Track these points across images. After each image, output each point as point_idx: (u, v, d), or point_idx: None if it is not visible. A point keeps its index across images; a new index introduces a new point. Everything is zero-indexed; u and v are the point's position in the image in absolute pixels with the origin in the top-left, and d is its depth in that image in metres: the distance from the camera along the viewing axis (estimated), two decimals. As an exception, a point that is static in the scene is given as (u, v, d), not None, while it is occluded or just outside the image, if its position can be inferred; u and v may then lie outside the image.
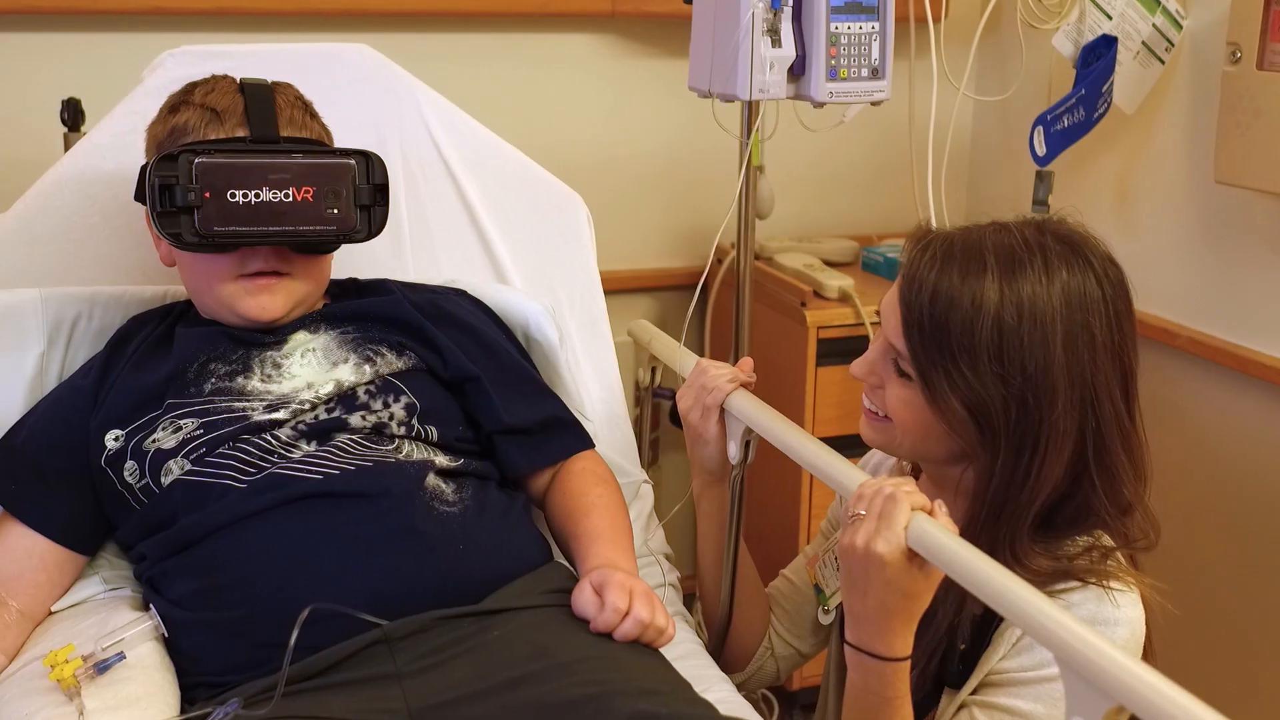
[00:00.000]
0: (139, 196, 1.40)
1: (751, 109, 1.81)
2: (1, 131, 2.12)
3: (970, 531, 1.26)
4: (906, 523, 1.16)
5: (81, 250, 1.59)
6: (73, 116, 1.98)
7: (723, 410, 1.50)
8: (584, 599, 1.25)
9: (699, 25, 1.78)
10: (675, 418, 2.32)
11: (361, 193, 1.40)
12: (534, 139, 1.99)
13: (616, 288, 1.86)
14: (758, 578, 1.63)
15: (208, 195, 1.33)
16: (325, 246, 1.43)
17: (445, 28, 2.29)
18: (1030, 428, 1.25)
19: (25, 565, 1.35)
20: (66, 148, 1.97)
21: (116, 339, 1.46)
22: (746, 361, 1.54)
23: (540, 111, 2.37)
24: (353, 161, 1.40)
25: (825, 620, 1.54)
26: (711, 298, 2.41)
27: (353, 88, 1.71)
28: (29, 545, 1.36)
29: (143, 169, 1.38)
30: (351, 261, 1.61)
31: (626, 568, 1.32)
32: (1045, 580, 1.25)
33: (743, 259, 1.89)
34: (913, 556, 1.16)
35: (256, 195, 1.35)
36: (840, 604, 1.51)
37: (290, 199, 1.36)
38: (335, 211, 1.38)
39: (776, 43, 1.70)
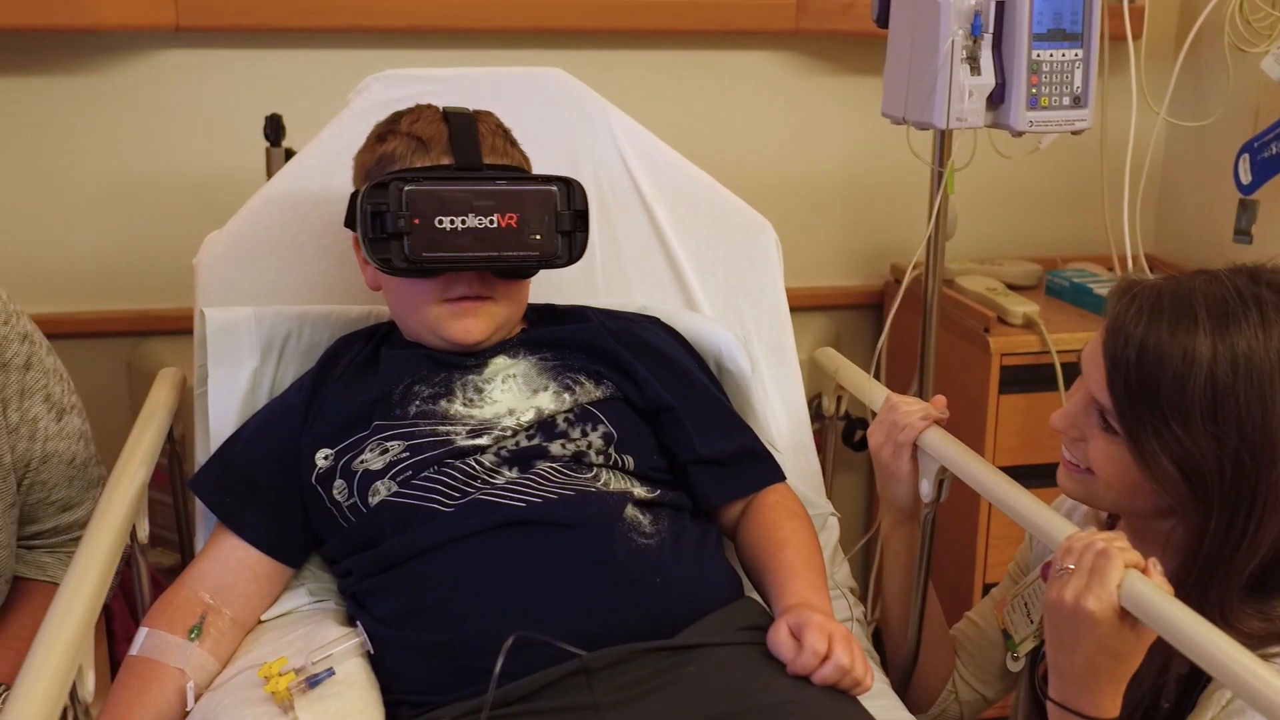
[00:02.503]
0: (349, 222, 1.44)
1: (946, 137, 1.78)
2: (208, 144, 2.21)
3: (1179, 590, 1.22)
4: (1120, 580, 1.13)
5: (289, 268, 1.64)
6: (274, 132, 2.06)
7: (915, 447, 1.48)
8: (780, 640, 1.25)
9: (894, 51, 1.76)
10: (849, 440, 2.31)
11: (563, 219, 1.43)
12: (715, 155, 2.00)
13: (791, 305, 1.86)
14: (943, 619, 1.61)
15: (416, 222, 1.37)
16: (526, 272, 1.46)
17: (630, 45, 2.31)
18: (1246, 487, 1.20)
19: (238, 575, 1.41)
20: (268, 161, 2.05)
21: (325, 358, 1.51)
22: (939, 399, 1.52)
23: (721, 128, 2.37)
24: (554, 188, 1.43)
25: (1014, 667, 1.51)
26: (888, 319, 2.38)
27: (547, 112, 1.74)
28: (241, 556, 1.41)
29: (353, 195, 1.43)
30: (544, 286, 1.63)
31: (822, 608, 1.31)
32: (1257, 643, 1.21)
33: (931, 286, 1.87)
34: (1125, 615, 1.13)
35: (463, 222, 1.38)
36: (1029, 651, 1.48)
37: (495, 225, 1.39)
38: (538, 238, 1.41)
39: (975, 70, 1.67)
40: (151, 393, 1.59)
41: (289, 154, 2.03)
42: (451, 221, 1.38)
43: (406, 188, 1.38)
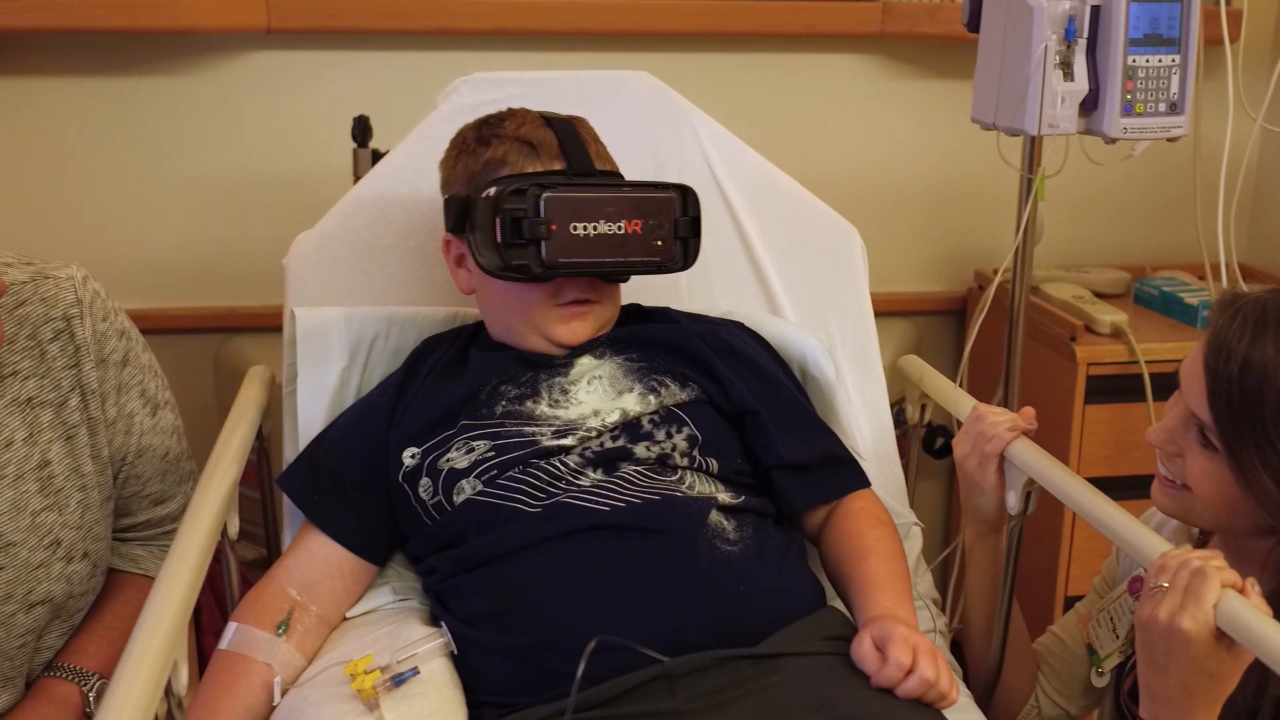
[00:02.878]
0: (458, 227, 1.45)
1: (1037, 143, 1.76)
2: (295, 144, 2.24)
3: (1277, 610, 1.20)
4: (1216, 600, 1.10)
5: (377, 269, 1.66)
6: (361, 133, 2.08)
7: (1002, 458, 1.46)
8: (864, 651, 1.24)
9: (985, 56, 1.74)
10: (930, 447, 2.29)
11: (680, 225, 1.45)
12: (799, 159, 1.99)
13: (873, 310, 1.86)
14: (1026, 632, 1.59)
15: (554, 228, 1.38)
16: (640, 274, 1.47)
17: (714, 48, 2.30)
18: (1350, 508, 1.17)
19: (325, 572, 1.43)
20: (355, 162, 2.08)
21: (412, 358, 1.53)
22: (1028, 410, 1.49)
23: (806, 132, 2.36)
24: (674, 195, 1.45)
25: (1099, 683, 1.49)
26: (972, 326, 2.35)
27: (633, 115, 1.74)
28: (328, 553, 1.43)
29: (464, 200, 1.43)
30: (627, 289, 1.63)
31: (907, 619, 1.30)
32: (1359, 667, 1.18)
33: (1018, 295, 1.84)
34: (1221, 636, 1.10)
35: (595, 228, 1.40)
36: (1114, 667, 1.46)
37: (623, 231, 1.42)
38: (660, 244, 1.44)
39: (1069, 76, 1.65)
40: (242, 390, 1.62)
41: (375, 155, 2.05)
42: (585, 227, 1.40)
43: (545, 194, 1.39)
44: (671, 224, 1.44)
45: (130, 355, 1.48)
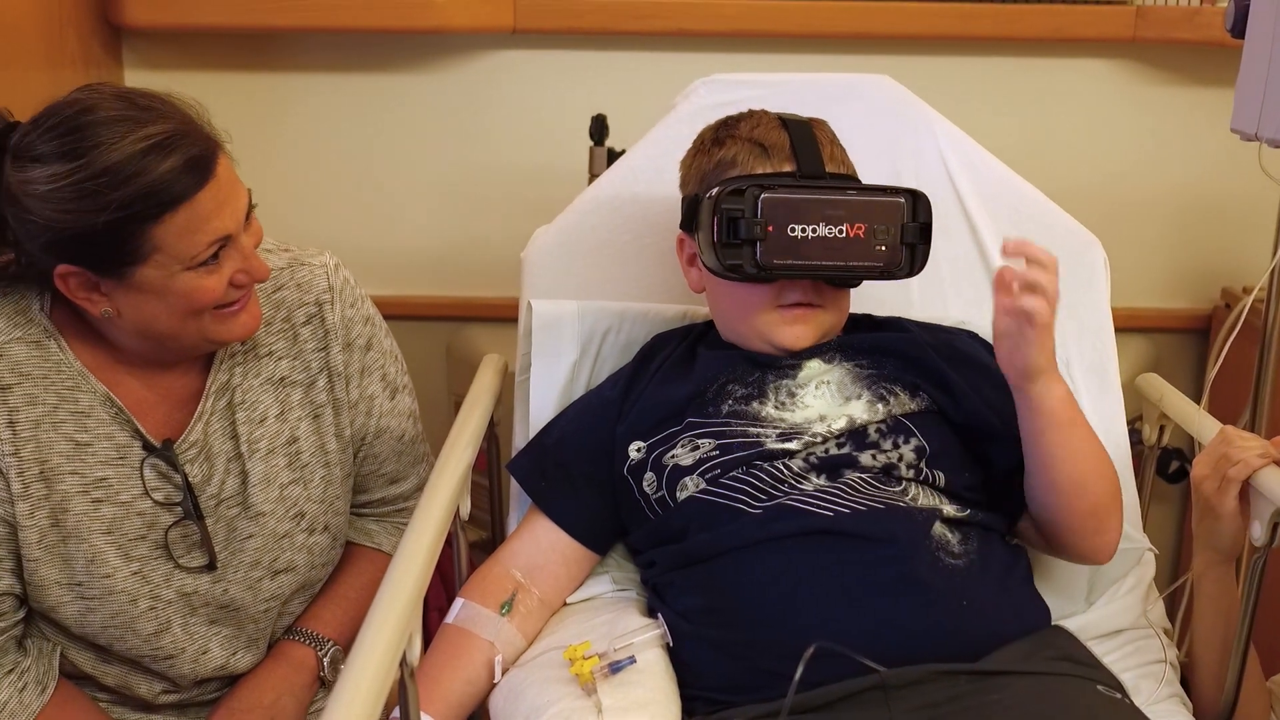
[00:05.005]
0: (687, 225, 1.47)
1: (1304, 157, 1.66)
2: (534, 141, 2.31)
3: None
4: None
5: (612, 265, 1.69)
6: (599, 131, 2.13)
7: (1245, 486, 1.39)
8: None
9: (1251, 63, 1.65)
10: (1165, 470, 2.19)
11: (908, 231, 1.41)
12: (1041, 166, 1.93)
13: (1111, 325, 1.80)
14: (1260, 669, 1.50)
15: (770, 229, 1.38)
16: (864, 281, 1.46)
17: (958, 51, 2.26)
18: None
19: (549, 558, 1.47)
20: (591, 160, 2.12)
21: (643, 354, 1.55)
22: (1280, 439, 1.42)
23: (1050, 138, 2.30)
24: (902, 200, 1.41)
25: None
26: (1216, 346, 2.24)
27: (871, 119, 1.72)
28: (553, 539, 1.47)
29: (693, 199, 1.45)
30: (857, 296, 1.62)
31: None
32: None
33: (1273, 317, 1.75)
34: None
35: (813, 230, 1.38)
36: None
37: (844, 235, 1.39)
38: (883, 249, 1.40)
39: (1342, 86, 1.55)
40: (477, 378, 1.67)
41: (611, 154, 2.09)
42: (803, 230, 1.38)
43: (763, 195, 1.38)
44: (898, 229, 1.40)
45: (374, 340, 1.55)
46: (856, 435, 1.39)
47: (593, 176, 2.06)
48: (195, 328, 1.35)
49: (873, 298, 1.63)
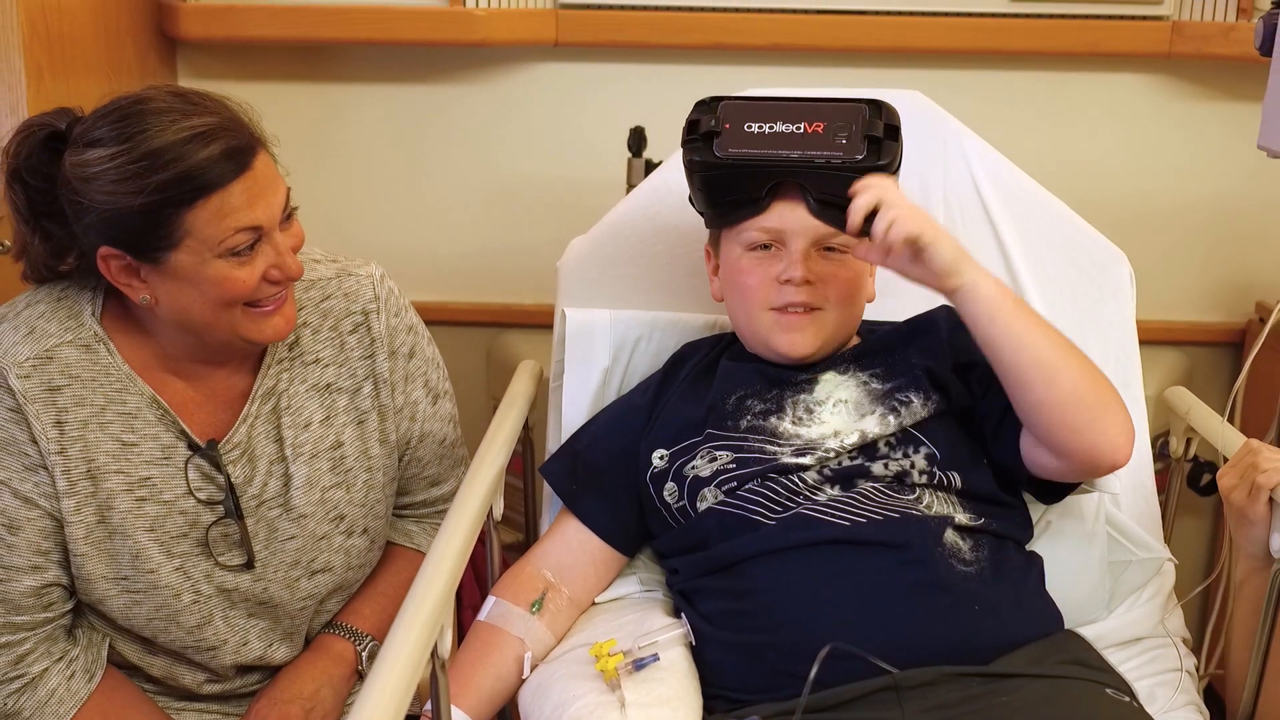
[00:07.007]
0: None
1: (1329, 174, 1.67)
2: (574, 152, 2.35)
3: None
4: None
5: (644, 275, 1.74)
6: (637, 143, 2.17)
7: (1271, 497, 1.41)
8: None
9: (1278, 80, 1.67)
10: (1196, 483, 2.20)
11: (873, 126, 1.42)
12: (1074, 180, 1.96)
13: (1142, 338, 1.79)
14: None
15: (727, 126, 1.43)
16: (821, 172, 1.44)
17: (991, 65, 2.28)
18: None
19: (578, 558, 1.51)
20: (628, 171, 2.16)
21: (672, 362, 1.59)
22: (1306, 453, 1.43)
23: (1084, 152, 2.31)
24: (864, 105, 1.44)
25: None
26: (1248, 360, 2.25)
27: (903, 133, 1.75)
28: (583, 540, 1.52)
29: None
30: (885, 306, 1.63)
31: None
32: None
33: (1300, 331, 1.75)
34: None
35: (770, 127, 1.43)
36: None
37: (801, 131, 1.42)
38: (843, 140, 1.41)
39: (1368, 104, 1.56)
40: (512, 383, 1.72)
41: (649, 165, 2.13)
42: (759, 127, 1.43)
43: (723, 101, 1.46)
44: (860, 125, 1.41)
45: (417, 348, 1.59)
46: (867, 449, 1.42)
47: (630, 187, 2.10)
48: (227, 321, 1.39)
49: (900, 306, 1.66)
